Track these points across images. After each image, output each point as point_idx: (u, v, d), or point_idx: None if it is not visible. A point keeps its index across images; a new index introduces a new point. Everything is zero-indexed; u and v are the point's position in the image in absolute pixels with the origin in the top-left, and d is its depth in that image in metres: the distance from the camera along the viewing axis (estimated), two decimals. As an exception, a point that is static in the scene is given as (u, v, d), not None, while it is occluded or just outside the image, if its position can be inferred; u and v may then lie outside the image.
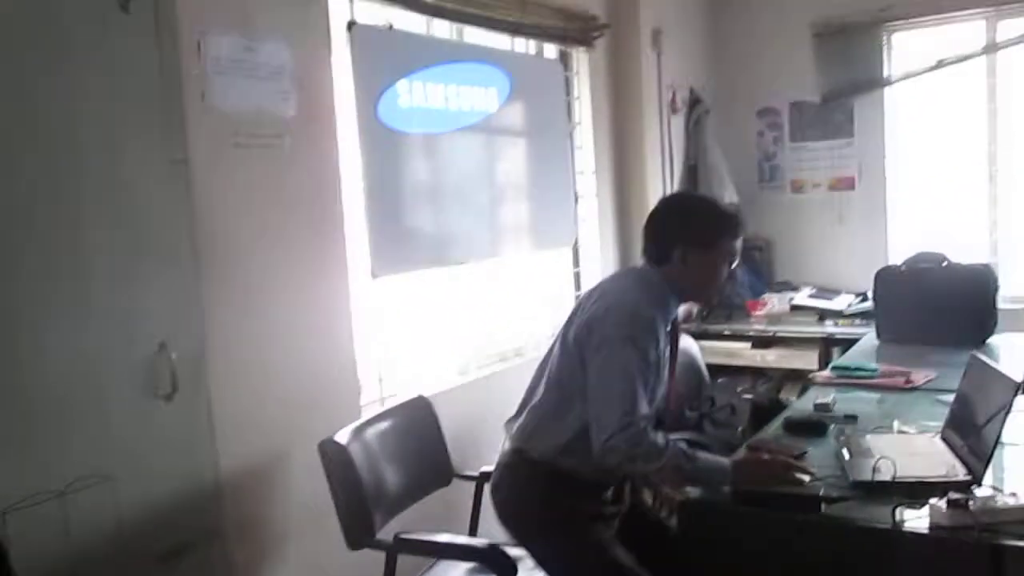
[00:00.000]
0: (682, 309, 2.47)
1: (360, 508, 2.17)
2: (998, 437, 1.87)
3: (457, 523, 2.83)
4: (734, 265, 2.20)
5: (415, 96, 3.07)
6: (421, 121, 3.11)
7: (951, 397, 2.35)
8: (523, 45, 3.81)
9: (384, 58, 2.95)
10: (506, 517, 2.22)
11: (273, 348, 2.51)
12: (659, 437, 1.98)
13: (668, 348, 2.18)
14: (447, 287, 3.37)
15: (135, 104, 2.16)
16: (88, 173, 2.07)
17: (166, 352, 2.19)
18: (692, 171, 4.71)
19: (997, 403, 1.93)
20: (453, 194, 3.29)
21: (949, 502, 1.71)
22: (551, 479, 2.12)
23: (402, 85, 3.00)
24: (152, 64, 2.19)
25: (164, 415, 2.21)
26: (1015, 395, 1.88)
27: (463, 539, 2.27)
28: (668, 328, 2.17)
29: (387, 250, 2.95)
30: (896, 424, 2.38)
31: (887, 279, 3.71)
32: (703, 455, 2.03)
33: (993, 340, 3.47)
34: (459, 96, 3.28)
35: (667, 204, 2.25)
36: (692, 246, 2.12)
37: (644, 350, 2.02)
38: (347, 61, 2.80)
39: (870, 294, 3.91)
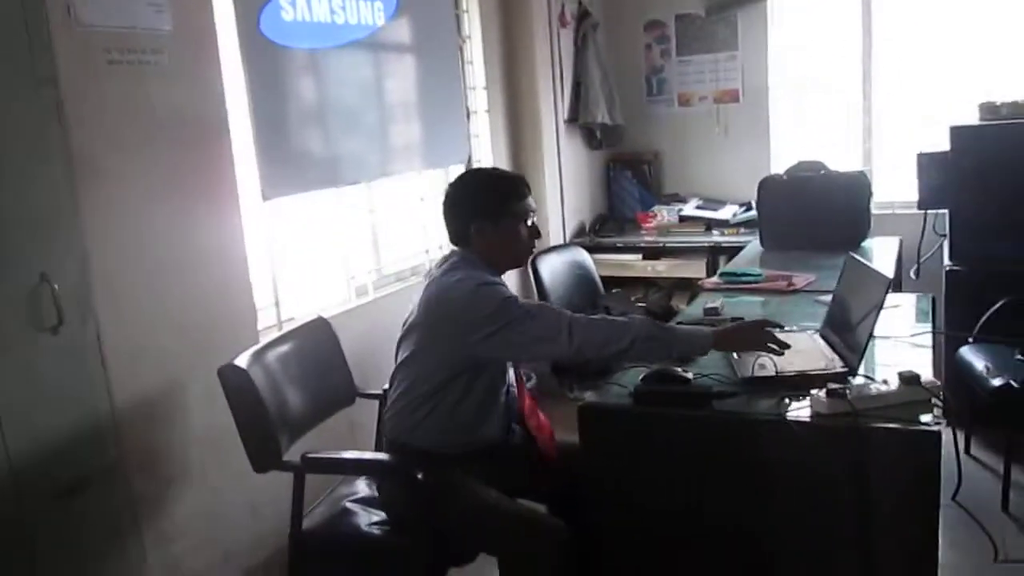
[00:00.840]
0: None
1: (265, 431, 2.15)
2: (872, 331, 2.00)
3: (362, 442, 2.86)
4: (531, 221, 2.25)
5: (299, 9, 2.96)
6: (306, 36, 3.00)
7: (829, 298, 2.50)
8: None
9: (264, -32, 2.82)
10: (387, 503, 2.25)
11: (163, 274, 2.44)
12: (618, 317, 2.07)
13: None
14: (340, 208, 3.31)
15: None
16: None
17: (48, 283, 2.10)
18: (578, 86, 4.73)
19: (871, 300, 2.05)
20: (342, 113, 3.21)
21: (828, 392, 1.83)
22: (423, 463, 2.14)
23: (284, -3, 2.88)
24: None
25: (51, 348, 2.13)
26: (887, 291, 2.00)
27: (370, 455, 2.30)
28: None
29: (277, 171, 2.87)
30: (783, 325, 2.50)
31: (769, 188, 3.85)
32: (677, 326, 2.12)
33: (867, 243, 3.68)
34: (344, 9, 3.17)
35: (453, 187, 2.27)
36: (483, 220, 2.18)
37: (509, 295, 2.09)
38: (224, -29, 2.66)
39: (754, 203, 4.05)
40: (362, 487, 2.40)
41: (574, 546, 2.02)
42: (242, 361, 2.18)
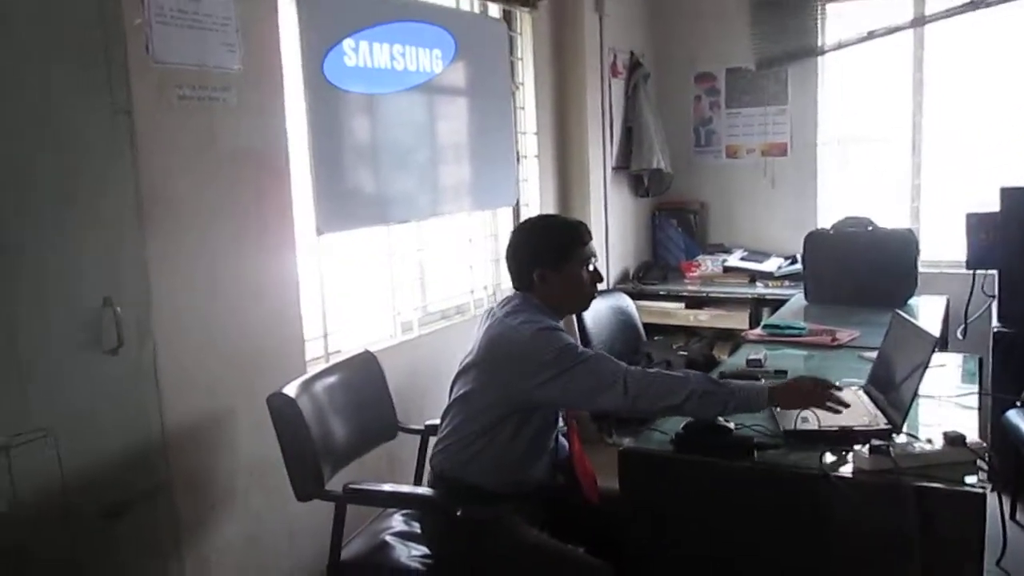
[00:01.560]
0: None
1: (309, 460, 2.20)
2: (917, 389, 2.00)
3: (401, 476, 2.90)
4: (593, 267, 2.28)
5: (361, 55, 3.06)
6: (366, 81, 3.10)
7: (874, 354, 2.49)
8: (468, 3, 3.81)
9: (330, 15, 2.93)
10: (432, 538, 2.27)
11: (218, 303, 2.51)
12: (675, 372, 2.09)
13: None
14: (390, 246, 3.38)
15: (76, 54, 2.12)
16: (30, 126, 2.03)
17: (111, 306, 2.17)
18: (629, 133, 4.80)
19: (917, 358, 2.05)
20: (396, 153, 3.30)
21: (871, 448, 1.83)
22: (472, 499, 2.18)
23: (348, 43, 2.99)
24: (92, 13, 2.15)
25: (109, 369, 2.20)
26: (933, 351, 2.00)
27: (411, 488, 2.33)
28: None
29: (332, 208, 2.95)
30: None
31: (815, 242, 3.86)
32: (733, 382, 2.10)
33: (913, 301, 3.66)
34: (404, 56, 3.27)
35: (516, 234, 2.32)
36: (546, 267, 2.22)
37: (569, 342, 2.11)
38: (293, 16, 2.77)
39: (799, 256, 4.05)
40: (399, 522, 2.42)
41: None
42: (291, 390, 2.24)
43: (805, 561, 1.89)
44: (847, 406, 2.05)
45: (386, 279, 3.38)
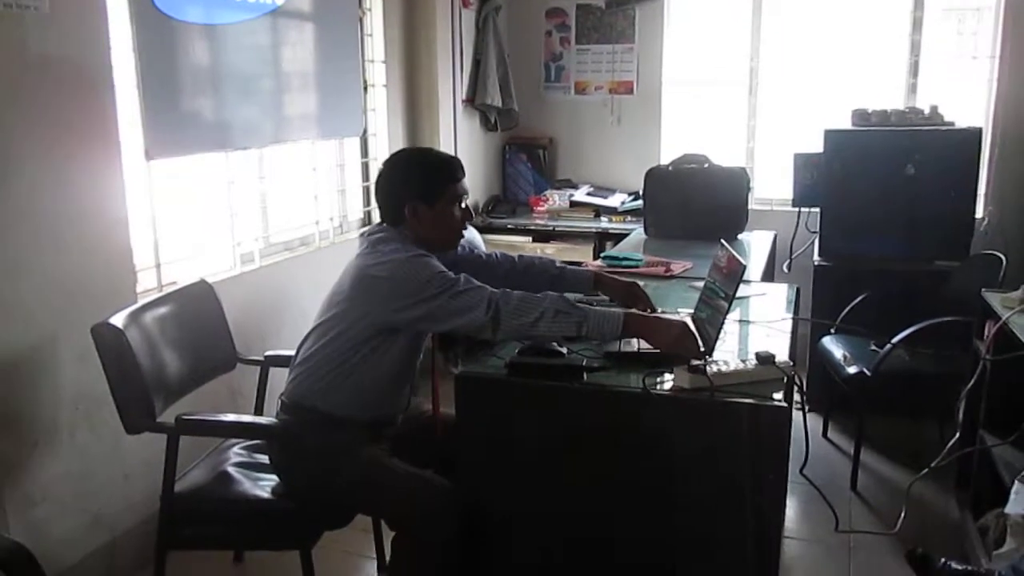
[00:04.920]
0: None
1: (139, 391, 2.13)
2: (726, 313, 2.12)
3: (242, 408, 2.85)
4: (465, 204, 2.28)
5: None
6: (202, 11, 2.94)
7: (702, 283, 2.62)
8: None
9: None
10: (283, 468, 2.25)
11: (32, 227, 2.35)
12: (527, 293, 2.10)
13: None
14: (229, 174, 3.26)
15: None
16: None
17: (-91, 231, 2.01)
18: (477, 66, 4.78)
19: (730, 285, 2.17)
20: (235, 80, 3.15)
21: (690, 368, 1.94)
22: (327, 427, 2.17)
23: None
24: None
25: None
26: (741, 276, 2.12)
27: (248, 417, 2.29)
28: None
29: (163, 131, 2.80)
30: (658, 307, 2.62)
31: (655, 178, 4.00)
32: (588, 306, 2.12)
33: (744, 236, 3.87)
34: None
35: (386, 166, 2.28)
36: (418, 201, 2.20)
37: (442, 269, 2.10)
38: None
39: (641, 192, 4.18)
40: (239, 454, 2.39)
41: (464, 511, 2.08)
42: (117, 320, 2.14)
43: (631, 475, 2.00)
44: (709, 352, 2.11)
45: (225, 208, 3.26)
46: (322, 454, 2.16)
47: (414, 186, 2.21)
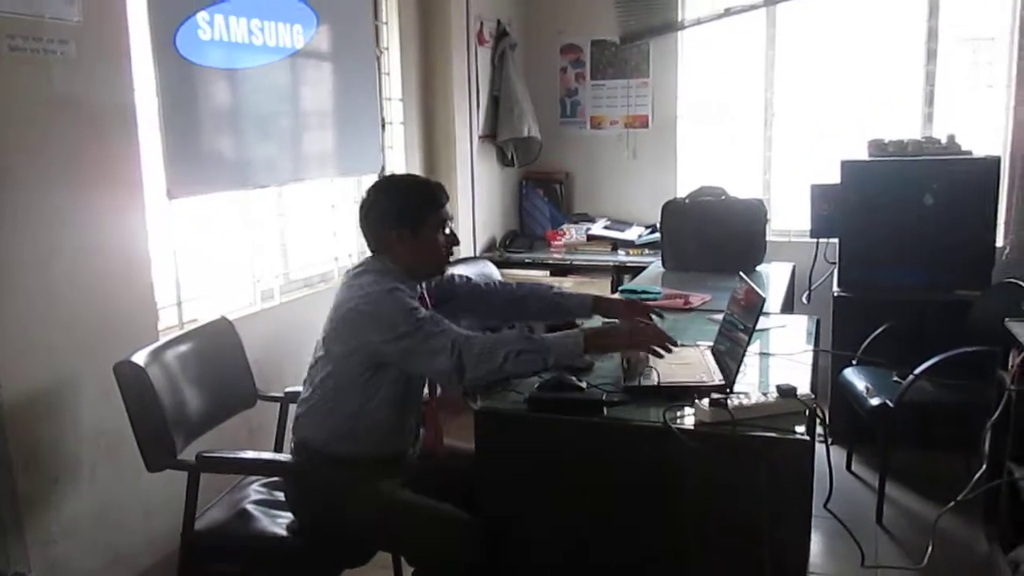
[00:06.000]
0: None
1: (159, 429, 2.13)
2: (747, 346, 2.12)
3: (262, 445, 2.85)
4: (449, 229, 2.27)
5: (216, 29, 2.94)
6: (224, 55, 3.00)
7: (721, 316, 2.62)
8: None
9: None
10: (296, 505, 2.25)
11: (58, 268, 2.39)
12: (489, 335, 2.09)
13: None
14: (250, 212, 3.30)
15: None
16: None
17: (-64, 271, 2.05)
18: (495, 102, 4.83)
19: (750, 318, 2.17)
20: (255, 120, 3.21)
21: (711, 401, 1.93)
22: (337, 466, 2.18)
23: (202, 17, 2.87)
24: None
25: (-64, 339, 2.07)
26: (761, 308, 2.12)
27: (269, 455, 2.29)
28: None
29: (185, 170, 2.85)
30: (677, 341, 2.61)
31: (671, 211, 4.01)
32: (549, 335, 2.12)
33: (762, 268, 3.86)
34: (263, 31, 3.18)
35: (370, 195, 2.26)
36: (403, 228, 2.19)
37: (416, 309, 2.10)
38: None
39: (658, 225, 4.19)
40: (258, 491, 2.39)
41: (487, 543, 2.07)
42: (139, 358, 2.16)
43: (652, 510, 1.99)
44: (674, 343, 2.13)
45: (246, 246, 3.29)
46: (332, 492, 2.15)
47: (398, 214, 2.20)
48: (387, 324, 2.06)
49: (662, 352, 2.13)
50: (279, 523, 2.24)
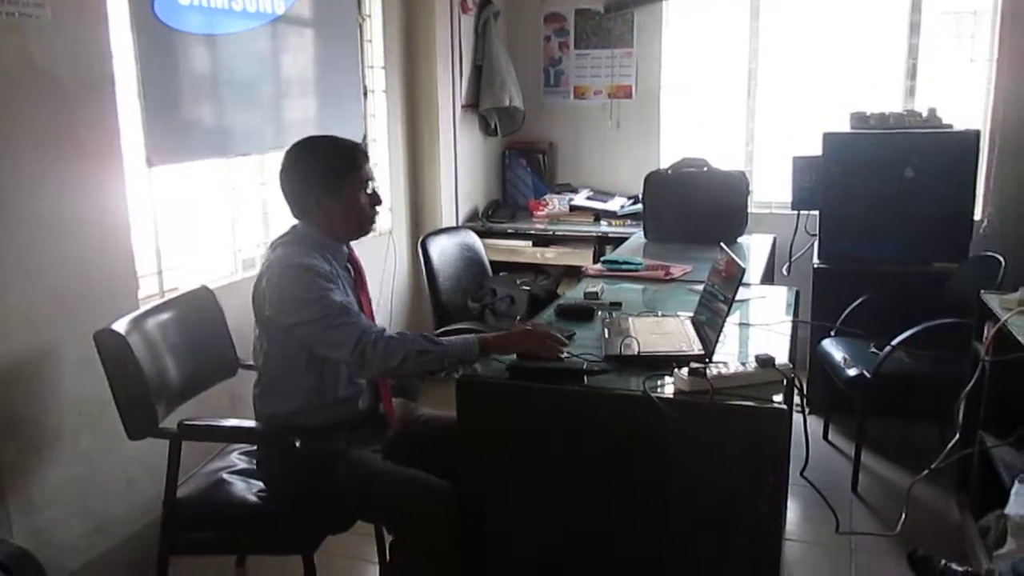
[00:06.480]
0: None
1: (141, 397, 2.13)
2: (726, 316, 2.13)
3: (243, 414, 2.84)
4: (371, 189, 2.25)
5: None
6: (204, 20, 2.97)
7: (701, 287, 2.63)
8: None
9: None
10: (267, 473, 2.27)
11: (37, 235, 2.37)
12: (392, 334, 2.09)
13: (353, 284, 2.30)
14: (230, 180, 3.27)
15: None
16: None
17: (-88, 238, 2.02)
18: (478, 71, 4.80)
19: (729, 288, 2.18)
20: (235, 87, 3.18)
21: (690, 371, 1.95)
22: (305, 435, 2.19)
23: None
24: None
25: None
26: (740, 279, 2.13)
27: (249, 423, 2.29)
28: (345, 267, 2.28)
29: (164, 138, 2.82)
30: (658, 311, 2.63)
31: (654, 182, 4.01)
32: (447, 338, 2.16)
33: (743, 239, 3.88)
34: None
35: (287, 160, 2.21)
36: (323, 191, 2.16)
37: (325, 292, 2.08)
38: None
39: (641, 196, 4.19)
40: (239, 459, 2.40)
41: (462, 510, 2.09)
42: (120, 326, 2.15)
43: (631, 478, 2.01)
44: (567, 345, 2.17)
45: (226, 215, 3.27)
46: (305, 460, 2.16)
47: (317, 178, 2.17)
48: (292, 308, 2.07)
49: (559, 351, 2.14)
50: (253, 491, 2.25)
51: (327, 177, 2.17)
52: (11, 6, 2.22)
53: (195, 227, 3.16)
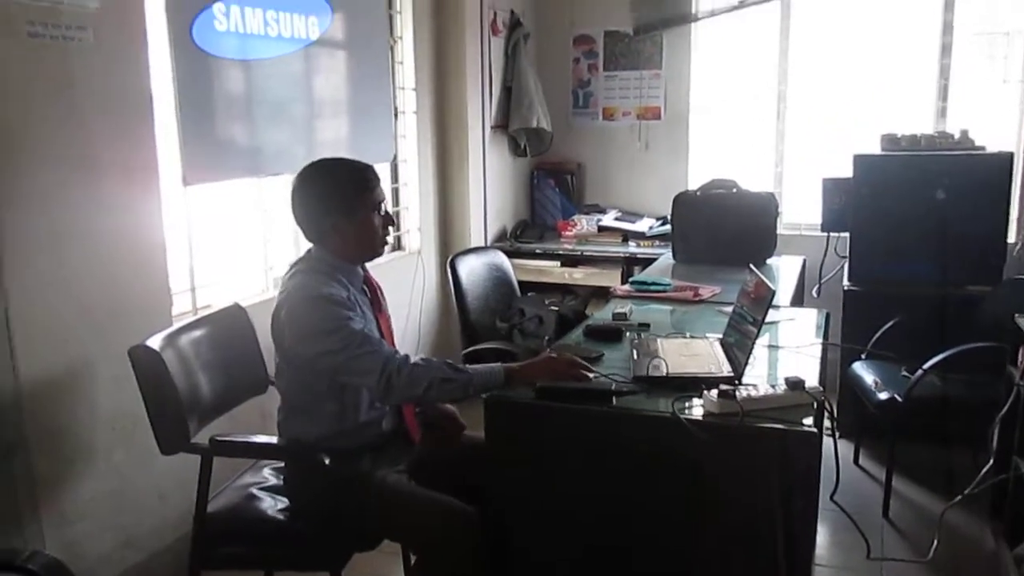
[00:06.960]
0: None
1: (174, 413, 2.16)
2: (755, 338, 2.13)
3: (273, 431, 2.87)
4: (384, 211, 2.25)
5: (232, 20, 2.97)
6: (238, 47, 3.03)
7: (731, 308, 2.63)
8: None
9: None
10: (292, 489, 2.29)
11: (75, 253, 2.42)
12: (417, 360, 2.11)
13: (370, 305, 2.31)
14: (263, 199, 3.32)
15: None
16: None
17: (-44, 255, 2.07)
18: (508, 92, 4.84)
19: (759, 310, 2.18)
20: (269, 108, 3.24)
21: (720, 392, 1.95)
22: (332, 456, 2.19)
23: (218, 8, 2.90)
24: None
25: (-44, 321, 2.10)
26: (770, 301, 2.13)
27: (275, 439, 2.31)
28: (362, 289, 2.29)
29: (200, 158, 2.88)
30: (687, 332, 2.63)
31: (683, 203, 4.01)
32: (472, 366, 2.16)
33: (772, 261, 3.86)
34: (278, 23, 3.20)
35: (298, 184, 2.21)
36: (337, 215, 2.16)
37: (346, 321, 2.09)
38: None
39: (669, 217, 4.19)
40: (269, 475, 2.42)
41: (486, 533, 2.09)
42: (154, 342, 2.18)
43: (659, 500, 2.01)
44: (595, 372, 2.17)
45: (259, 233, 3.32)
46: (330, 480, 2.17)
47: (331, 202, 2.17)
48: (313, 340, 2.08)
49: (584, 376, 2.14)
50: (279, 508, 2.27)
51: (343, 200, 2.17)
52: (55, 29, 2.29)
53: (228, 245, 3.21)
